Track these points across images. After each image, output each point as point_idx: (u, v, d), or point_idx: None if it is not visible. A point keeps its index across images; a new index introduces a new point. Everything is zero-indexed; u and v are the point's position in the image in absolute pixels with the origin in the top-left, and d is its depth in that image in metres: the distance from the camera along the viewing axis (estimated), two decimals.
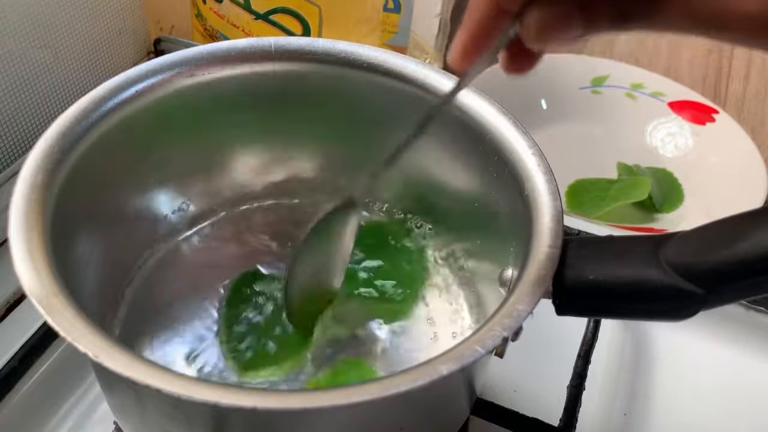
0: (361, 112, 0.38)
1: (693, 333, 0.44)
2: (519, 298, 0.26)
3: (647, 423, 0.40)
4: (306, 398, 0.23)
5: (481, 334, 0.25)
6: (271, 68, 0.36)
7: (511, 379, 0.40)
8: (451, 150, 0.36)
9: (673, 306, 0.26)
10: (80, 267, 0.31)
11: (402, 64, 0.36)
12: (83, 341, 0.23)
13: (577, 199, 0.58)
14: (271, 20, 0.55)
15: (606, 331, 0.42)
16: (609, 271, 0.27)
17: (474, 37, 0.24)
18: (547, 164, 0.31)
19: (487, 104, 0.34)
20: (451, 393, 0.31)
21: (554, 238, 0.28)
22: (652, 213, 0.58)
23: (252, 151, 0.40)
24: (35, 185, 0.28)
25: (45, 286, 0.25)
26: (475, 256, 0.39)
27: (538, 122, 0.64)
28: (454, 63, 0.25)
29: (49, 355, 0.39)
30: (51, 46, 0.51)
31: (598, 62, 0.68)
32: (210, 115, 0.37)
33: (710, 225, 0.26)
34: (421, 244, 0.40)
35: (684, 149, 0.63)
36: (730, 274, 0.24)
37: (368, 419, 0.28)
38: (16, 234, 0.26)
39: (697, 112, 0.63)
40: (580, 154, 0.63)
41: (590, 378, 0.38)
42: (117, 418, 0.34)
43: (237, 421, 0.26)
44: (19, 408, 0.37)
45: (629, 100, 0.66)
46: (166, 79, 0.34)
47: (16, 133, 0.50)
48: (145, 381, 0.22)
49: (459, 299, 0.39)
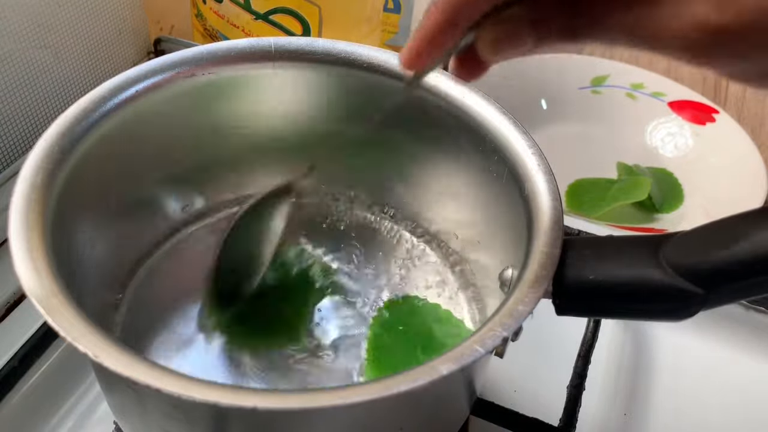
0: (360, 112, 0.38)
1: (693, 333, 0.44)
2: (519, 298, 0.26)
3: (647, 423, 0.40)
4: (306, 398, 0.23)
5: (481, 334, 0.25)
6: (271, 68, 0.36)
7: (511, 379, 0.40)
8: (452, 150, 0.36)
9: (673, 306, 0.26)
10: (80, 267, 0.31)
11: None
12: (83, 341, 0.23)
13: (577, 199, 0.58)
14: (271, 20, 0.55)
15: (606, 331, 0.42)
16: (609, 271, 0.27)
17: (425, 43, 0.25)
18: (547, 164, 0.31)
19: (488, 104, 0.34)
20: (451, 393, 0.31)
21: (554, 239, 0.28)
22: (652, 213, 0.58)
23: (251, 151, 0.40)
24: (35, 185, 0.28)
25: (45, 286, 0.25)
26: (475, 256, 0.39)
27: (538, 122, 0.64)
28: (403, 63, 0.27)
29: (49, 355, 0.39)
30: (51, 46, 0.51)
31: (598, 62, 0.68)
32: (210, 115, 0.37)
33: (710, 225, 0.26)
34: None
35: (684, 149, 0.63)
36: (730, 274, 0.25)
37: (368, 419, 0.28)
38: (16, 234, 0.26)
39: (697, 112, 0.63)
40: (580, 154, 0.63)
41: (590, 378, 0.38)
42: (117, 419, 0.34)
43: (237, 420, 0.26)
44: (19, 408, 0.37)
45: (629, 99, 0.66)
46: (166, 79, 0.34)
47: (16, 133, 0.50)
48: (145, 381, 0.22)
49: (459, 299, 0.39)
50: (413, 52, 0.26)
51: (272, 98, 0.38)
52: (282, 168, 0.41)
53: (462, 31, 0.25)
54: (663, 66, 0.73)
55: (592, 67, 0.67)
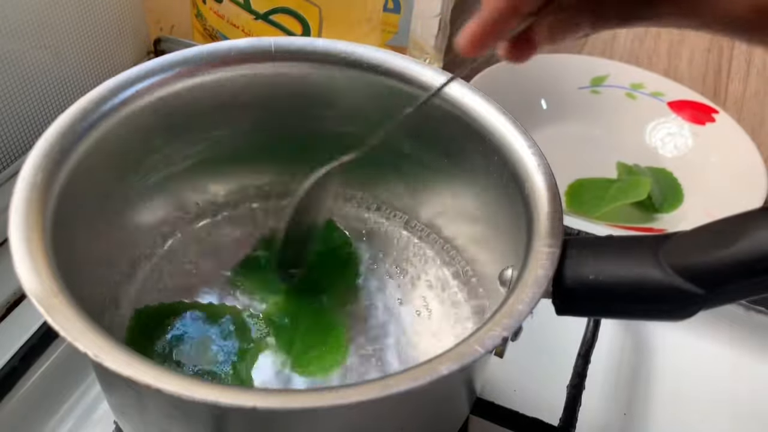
0: (361, 112, 0.38)
1: (693, 333, 0.44)
2: (519, 298, 0.26)
3: (647, 422, 0.40)
4: (306, 398, 0.23)
5: (480, 334, 0.25)
6: (272, 68, 0.36)
7: (511, 379, 0.40)
8: (452, 151, 0.36)
9: (673, 306, 0.26)
10: (80, 267, 0.31)
11: (402, 65, 0.36)
12: (83, 341, 0.23)
13: (577, 199, 0.58)
14: (270, 20, 0.55)
15: (606, 330, 0.42)
16: (609, 271, 0.27)
17: (485, 29, 0.26)
18: (547, 164, 0.31)
19: (488, 104, 0.34)
20: (451, 393, 0.31)
21: (554, 238, 0.28)
22: (651, 213, 0.58)
23: (251, 151, 0.40)
24: (35, 185, 0.28)
25: (45, 285, 0.25)
26: (475, 256, 0.39)
27: (537, 122, 0.64)
28: (462, 49, 0.27)
29: (49, 355, 0.39)
30: (51, 46, 0.51)
31: (598, 62, 0.68)
32: (210, 115, 0.37)
33: (710, 225, 0.26)
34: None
35: (684, 149, 0.63)
36: (730, 274, 0.25)
37: (368, 419, 0.28)
38: (16, 234, 0.26)
39: (697, 112, 0.63)
40: (579, 154, 0.63)
41: (590, 377, 0.38)
42: (117, 418, 0.34)
43: (237, 420, 0.26)
44: (19, 408, 0.37)
45: (629, 99, 0.66)
46: (166, 79, 0.34)
47: (16, 133, 0.50)
48: (145, 380, 0.22)
49: (459, 299, 0.39)
50: (474, 37, 0.26)
51: (272, 98, 0.38)
52: (282, 168, 0.42)
53: (523, 17, 0.25)
54: (663, 66, 0.73)
55: (591, 67, 0.67)
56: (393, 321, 0.38)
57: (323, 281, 0.39)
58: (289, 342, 0.36)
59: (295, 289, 0.38)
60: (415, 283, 0.40)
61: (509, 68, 0.64)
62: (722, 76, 0.72)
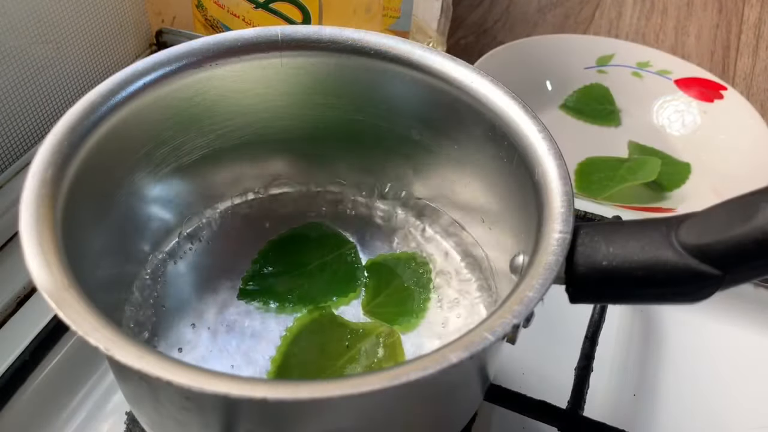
0: (369, 99, 0.37)
1: (701, 312, 0.44)
2: (530, 285, 0.26)
3: (656, 403, 0.40)
4: (316, 388, 0.23)
5: (491, 321, 0.25)
6: (279, 57, 0.36)
7: (519, 362, 0.40)
8: (461, 137, 0.36)
9: (688, 289, 0.25)
10: (91, 261, 0.31)
11: (408, 50, 0.35)
12: (94, 335, 0.23)
13: (585, 179, 0.58)
14: (271, 9, 0.55)
15: (613, 312, 0.42)
16: (622, 255, 0.26)
17: None
18: (557, 148, 0.31)
19: (497, 89, 0.33)
20: (464, 380, 0.31)
21: (565, 224, 0.28)
22: (659, 192, 0.58)
23: (261, 142, 0.40)
24: (45, 180, 0.28)
25: (56, 279, 0.25)
26: (486, 242, 0.38)
27: (543, 103, 0.64)
28: None
29: (59, 348, 0.39)
30: (53, 41, 0.50)
31: (603, 41, 0.67)
32: (218, 106, 0.37)
33: (723, 204, 0.26)
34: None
35: (692, 127, 0.62)
36: (745, 253, 0.24)
37: (380, 408, 0.28)
38: (27, 228, 0.26)
39: (705, 89, 0.62)
40: (585, 135, 0.63)
41: (598, 359, 0.38)
42: (132, 408, 0.34)
43: (248, 411, 0.26)
44: (31, 401, 0.37)
45: (635, 78, 0.65)
46: (173, 71, 0.34)
47: (20, 129, 0.50)
48: (156, 373, 0.22)
49: (470, 286, 0.39)
50: None
51: (280, 88, 0.38)
52: (291, 158, 0.41)
53: None
54: (670, 42, 0.73)
55: (597, 47, 0.66)
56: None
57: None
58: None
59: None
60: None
61: (514, 50, 0.63)
62: (731, 52, 0.72)
